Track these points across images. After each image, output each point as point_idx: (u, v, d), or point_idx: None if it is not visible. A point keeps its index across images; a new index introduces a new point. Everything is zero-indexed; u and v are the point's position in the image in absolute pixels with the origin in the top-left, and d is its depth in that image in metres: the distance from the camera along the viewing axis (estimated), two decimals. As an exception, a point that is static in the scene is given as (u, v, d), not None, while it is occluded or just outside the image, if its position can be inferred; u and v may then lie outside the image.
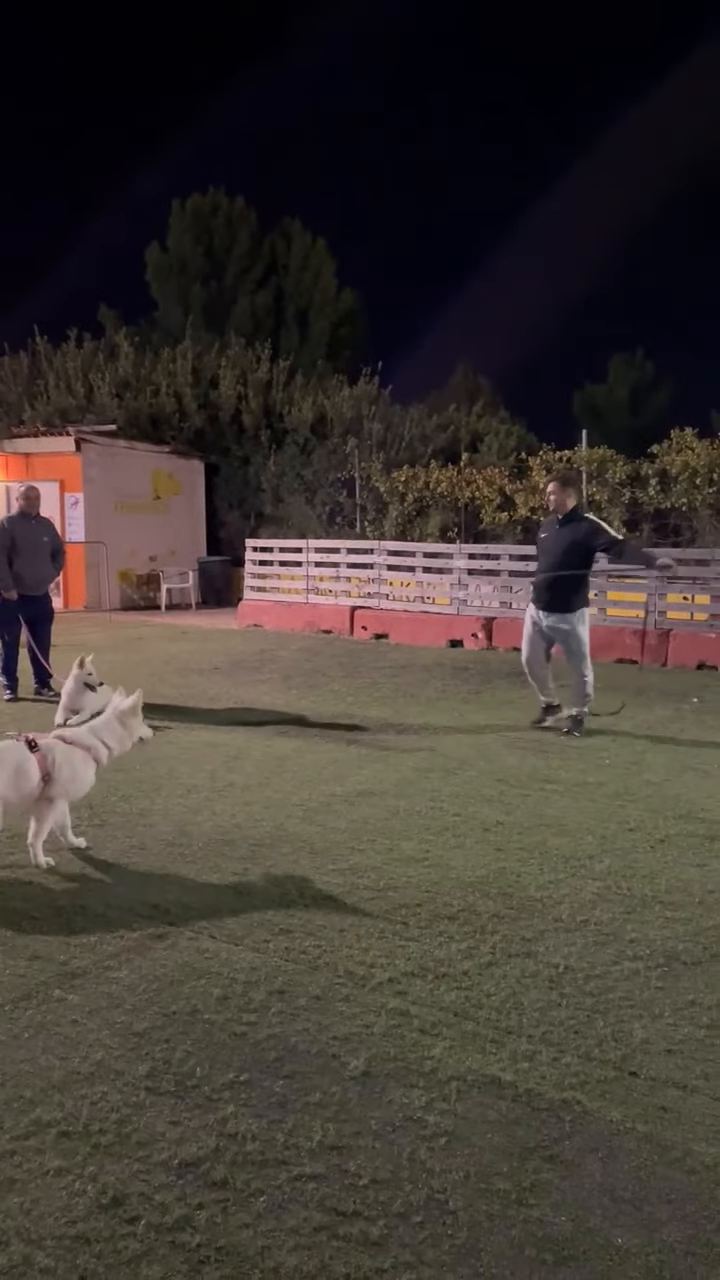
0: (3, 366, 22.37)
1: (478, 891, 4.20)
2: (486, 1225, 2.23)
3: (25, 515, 8.94)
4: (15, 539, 8.74)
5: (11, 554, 8.72)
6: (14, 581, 8.74)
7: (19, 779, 4.31)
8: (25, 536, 8.79)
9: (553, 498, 7.55)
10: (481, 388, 28.69)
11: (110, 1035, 3.01)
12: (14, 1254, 2.12)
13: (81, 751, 4.54)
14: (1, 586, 8.77)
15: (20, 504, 9.00)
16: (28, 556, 8.78)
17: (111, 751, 4.65)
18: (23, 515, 8.94)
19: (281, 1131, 2.55)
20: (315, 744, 7.11)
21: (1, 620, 8.97)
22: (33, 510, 8.98)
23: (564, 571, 7.26)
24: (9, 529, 8.81)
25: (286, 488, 18.70)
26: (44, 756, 4.39)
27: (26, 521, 8.90)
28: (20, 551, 8.75)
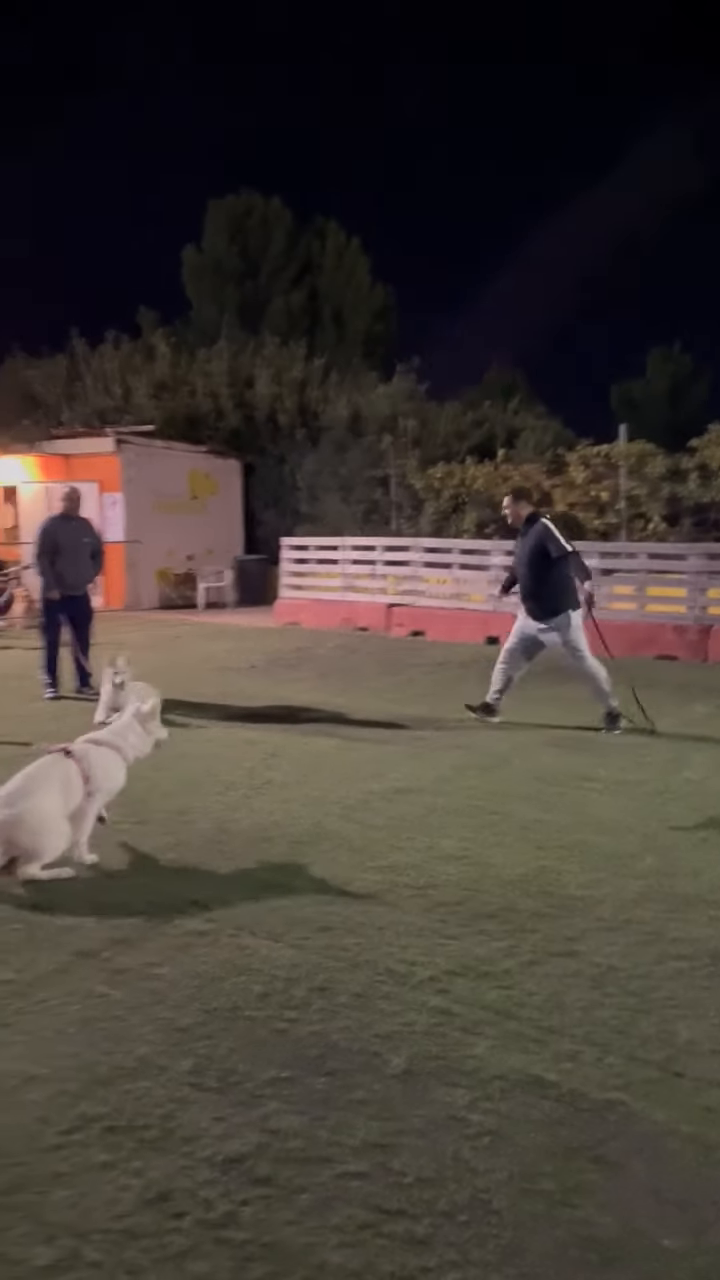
0: (41, 368, 22.65)
1: (518, 889, 4.18)
2: (531, 1225, 2.22)
3: (66, 516, 9.04)
4: (57, 540, 8.85)
5: (54, 555, 8.83)
6: (56, 581, 8.85)
7: (69, 790, 4.39)
8: (67, 537, 8.89)
9: (508, 511, 7.73)
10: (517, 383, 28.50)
11: (154, 1031, 3.03)
12: (62, 1247, 2.14)
13: (112, 752, 4.67)
14: (45, 587, 8.89)
15: (62, 505, 9.11)
16: (69, 557, 8.89)
17: (134, 753, 4.77)
18: (64, 516, 9.04)
19: (324, 1129, 2.56)
20: (353, 741, 7.12)
21: (44, 620, 9.09)
22: (74, 511, 9.09)
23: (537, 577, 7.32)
24: (51, 530, 8.92)
25: (322, 486, 18.74)
26: (82, 762, 4.48)
27: (68, 522, 9.00)
28: (62, 552, 8.85)
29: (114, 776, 4.63)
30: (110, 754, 4.65)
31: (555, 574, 7.27)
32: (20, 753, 5.78)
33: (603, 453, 14.08)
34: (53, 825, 4.27)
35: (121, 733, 4.79)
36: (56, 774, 4.39)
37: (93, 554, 9.16)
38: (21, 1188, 2.34)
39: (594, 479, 14.04)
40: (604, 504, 13.96)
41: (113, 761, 4.64)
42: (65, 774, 4.41)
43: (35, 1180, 2.36)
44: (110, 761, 4.63)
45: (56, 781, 4.36)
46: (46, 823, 4.24)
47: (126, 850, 4.70)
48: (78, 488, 9.55)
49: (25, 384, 22.82)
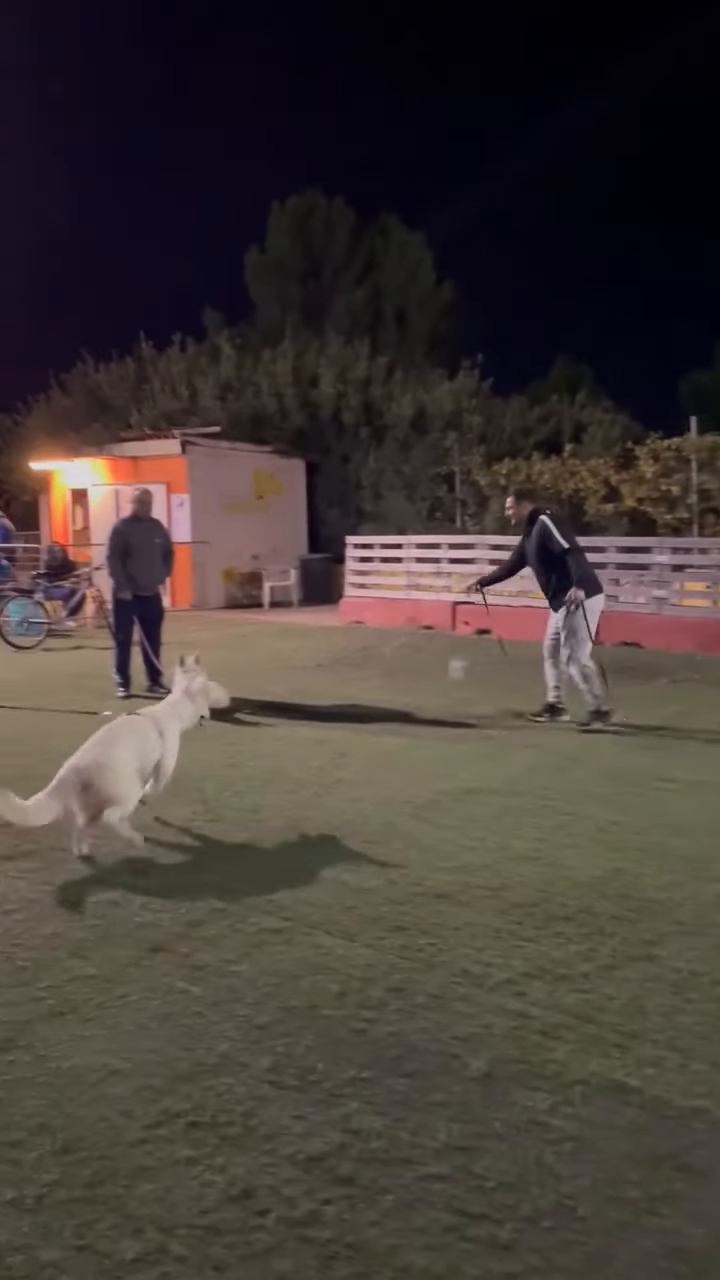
0: (110, 372, 23.04)
1: (594, 892, 4.12)
2: (618, 1234, 2.19)
3: (138, 518, 9.17)
4: (129, 541, 8.98)
5: (125, 556, 8.97)
6: (128, 582, 8.99)
7: (146, 746, 4.83)
8: (138, 538, 9.03)
9: (510, 512, 7.93)
10: (584, 377, 28.15)
11: (233, 1028, 3.06)
12: (149, 1241, 2.17)
13: (176, 720, 5.19)
14: (117, 588, 9.05)
15: (134, 507, 9.24)
16: (141, 558, 9.02)
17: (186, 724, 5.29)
18: (135, 518, 9.18)
19: (405, 1130, 2.55)
20: (421, 740, 7.10)
21: (116, 620, 9.25)
22: (145, 513, 9.22)
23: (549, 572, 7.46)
24: (123, 532, 9.07)
25: (386, 484, 18.73)
26: (156, 724, 4.98)
27: (139, 524, 9.14)
28: (134, 553, 8.99)
29: (177, 741, 5.15)
30: (175, 721, 5.19)
31: (564, 567, 7.34)
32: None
33: (673, 446, 13.81)
34: (131, 774, 4.66)
35: (175, 705, 5.31)
36: (135, 730, 4.84)
37: (163, 555, 9.28)
38: (107, 1180, 2.37)
39: (664, 473, 13.78)
40: (675, 499, 13.70)
41: (176, 728, 5.17)
42: (143, 731, 4.87)
43: (121, 1174, 2.40)
44: (176, 727, 5.16)
45: (135, 736, 4.80)
46: (126, 771, 4.61)
47: (201, 847, 4.75)
48: (149, 490, 9.68)
49: (94, 388, 23.24)
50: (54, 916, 3.93)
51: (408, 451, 18.76)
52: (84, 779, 4.48)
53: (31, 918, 3.93)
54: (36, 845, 4.80)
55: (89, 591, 13.73)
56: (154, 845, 4.78)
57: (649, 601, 12.29)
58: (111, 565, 9.06)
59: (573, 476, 14.91)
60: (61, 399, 23.89)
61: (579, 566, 7.36)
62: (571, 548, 7.33)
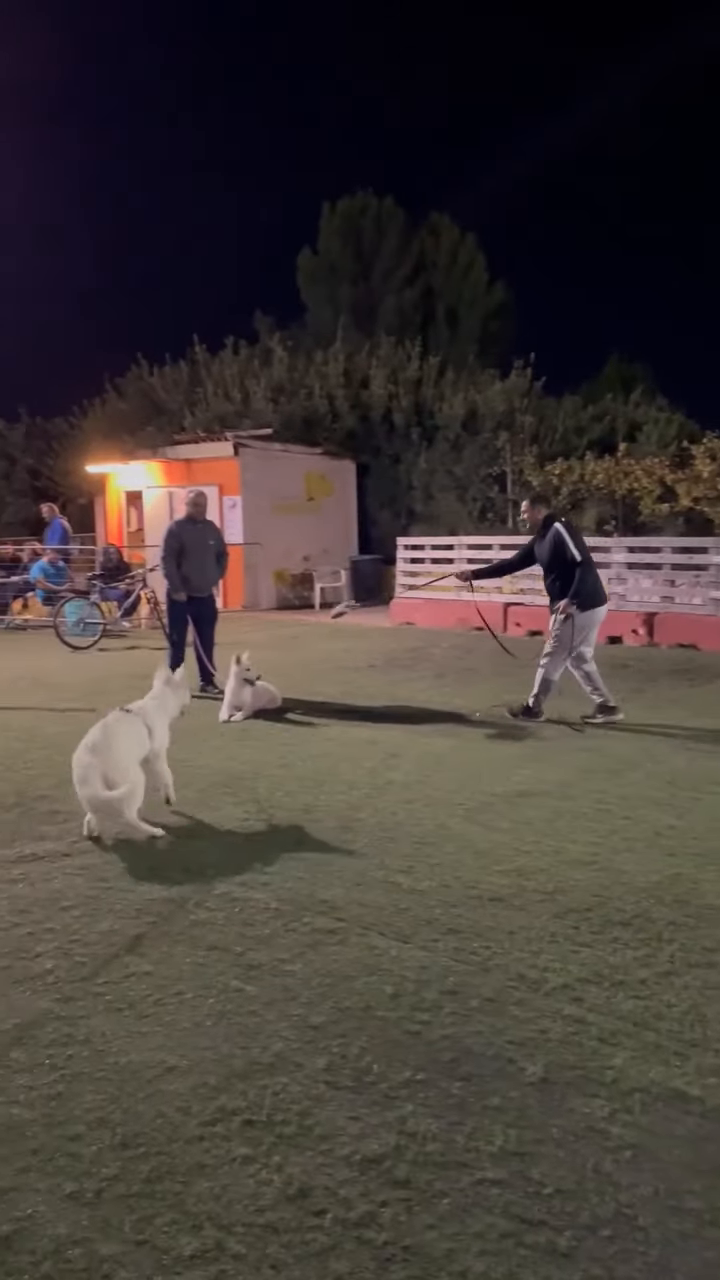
0: (164, 376, 23.29)
1: (651, 897, 4.06)
2: (679, 1244, 2.15)
3: (193, 520, 9.25)
4: (184, 542, 9.07)
5: (180, 557, 9.05)
6: (182, 583, 9.07)
7: (140, 741, 5.12)
8: (193, 540, 9.11)
9: (525, 515, 8.05)
10: (638, 375, 27.78)
11: (288, 1027, 3.07)
12: (206, 1238, 2.19)
13: (161, 713, 5.45)
14: (171, 589, 9.14)
15: (189, 509, 9.32)
16: (195, 559, 9.10)
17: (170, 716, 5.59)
18: (190, 520, 9.25)
19: (461, 1134, 2.54)
20: (473, 742, 7.06)
21: (171, 620, 9.34)
22: (200, 515, 9.29)
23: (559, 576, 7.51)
24: (177, 533, 9.15)
25: (437, 485, 18.68)
26: (144, 720, 5.23)
27: (194, 526, 9.21)
28: (188, 554, 9.07)
29: (166, 733, 5.48)
30: (161, 715, 5.45)
31: (570, 577, 7.39)
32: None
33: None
34: (136, 769, 4.98)
35: (160, 698, 5.57)
36: (128, 727, 5.09)
37: (217, 557, 9.34)
38: (165, 1176, 2.40)
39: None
40: (732, 498, 13.48)
41: (163, 720, 5.46)
42: (135, 728, 5.14)
43: (178, 1170, 2.42)
44: (162, 720, 5.44)
45: (129, 733, 5.08)
46: (130, 765, 4.93)
47: (254, 847, 4.77)
48: (204, 492, 9.74)
49: (149, 391, 23.51)
50: (111, 913, 3.98)
51: (459, 452, 18.68)
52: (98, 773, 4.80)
53: (89, 914, 3.99)
54: (94, 845, 4.86)
55: (143, 592, 13.88)
56: (208, 843, 4.82)
57: (706, 603, 12.10)
58: (166, 567, 9.15)
59: (627, 476, 14.73)
60: (116, 402, 24.21)
61: (584, 580, 7.40)
62: (584, 560, 7.40)
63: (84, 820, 4.97)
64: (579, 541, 7.53)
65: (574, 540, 7.45)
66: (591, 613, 7.51)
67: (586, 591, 7.39)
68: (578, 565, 7.36)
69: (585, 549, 7.57)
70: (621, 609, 12.67)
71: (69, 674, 10.62)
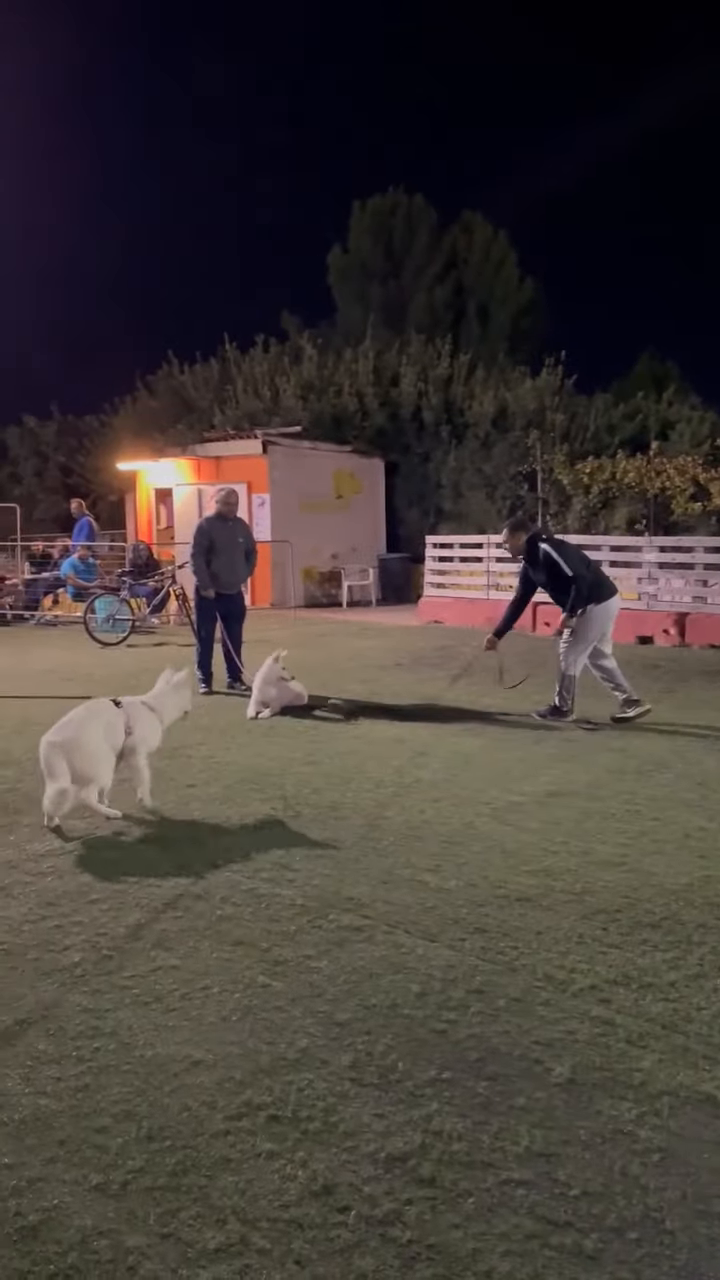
0: (195, 374, 23.39)
1: (681, 900, 4.02)
2: (708, 1249, 2.12)
3: (223, 517, 9.27)
4: (214, 540, 9.09)
5: (210, 554, 9.08)
6: (211, 580, 9.10)
7: (111, 731, 5.15)
8: (222, 537, 9.13)
9: (507, 545, 7.96)
10: (670, 373, 27.54)
11: (314, 1024, 3.07)
12: (231, 1232, 2.19)
13: (150, 713, 5.43)
14: (200, 585, 9.17)
15: (219, 507, 9.32)
16: (224, 557, 9.12)
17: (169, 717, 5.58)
18: (220, 517, 9.27)
19: (487, 1134, 2.52)
20: (501, 741, 7.03)
21: (199, 617, 9.38)
22: (230, 513, 9.30)
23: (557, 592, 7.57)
24: (208, 530, 9.18)
25: (466, 483, 18.62)
26: (126, 714, 5.27)
27: (224, 523, 9.23)
28: (218, 552, 9.09)
29: (153, 732, 5.42)
30: (148, 714, 5.42)
31: (566, 592, 7.42)
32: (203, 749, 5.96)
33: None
34: (101, 754, 5.04)
35: (159, 698, 5.56)
36: (102, 715, 5.16)
37: (246, 554, 9.36)
38: (190, 1170, 2.40)
39: (755, 471, 13.43)
40: (766, 497, 13.33)
41: (150, 720, 5.41)
42: (110, 717, 5.18)
43: (203, 1164, 2.42)
44: (148, 719, 5.39)
45: (101, 720, 5.13)
46: (95, 750, 5.01)
47: (280, 843, 4.78)
48: (235, 490, 9.75)
49: (179, 389, 23.63)
50: (138, 907, 4.00)
51: (489, 450, 18.61)
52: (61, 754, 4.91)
53: (116, 908, 4.01)
54: (121, 838, 4.90)
55: (172, 589, 13.95)
56: (235, 839, 4.83)
57: (738, 603, 11.98)
58: (196, 563, 9.17)
59: (659, 475, 14.62)
60: (147, 400, 24.37)
61: (579, 592, 7.38)
62: (575, 574, 7.39)
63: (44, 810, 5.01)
64: (567, 553, 7.55)
65: (563, 556, 7.47)
66: (605, 605, 7.49)
67: (585, 596, 7.38)
68: (571, 580, 7.37)
69: (575, 558, 7.58)
70: (653, 609, 12.58)
71: (98, 669, 10.69)
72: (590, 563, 7.88)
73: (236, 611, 9.41)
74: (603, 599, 7.48)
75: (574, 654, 7.55)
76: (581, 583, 7.37)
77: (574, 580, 7.36)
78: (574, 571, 7.39)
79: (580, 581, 7.36)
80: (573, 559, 7.52)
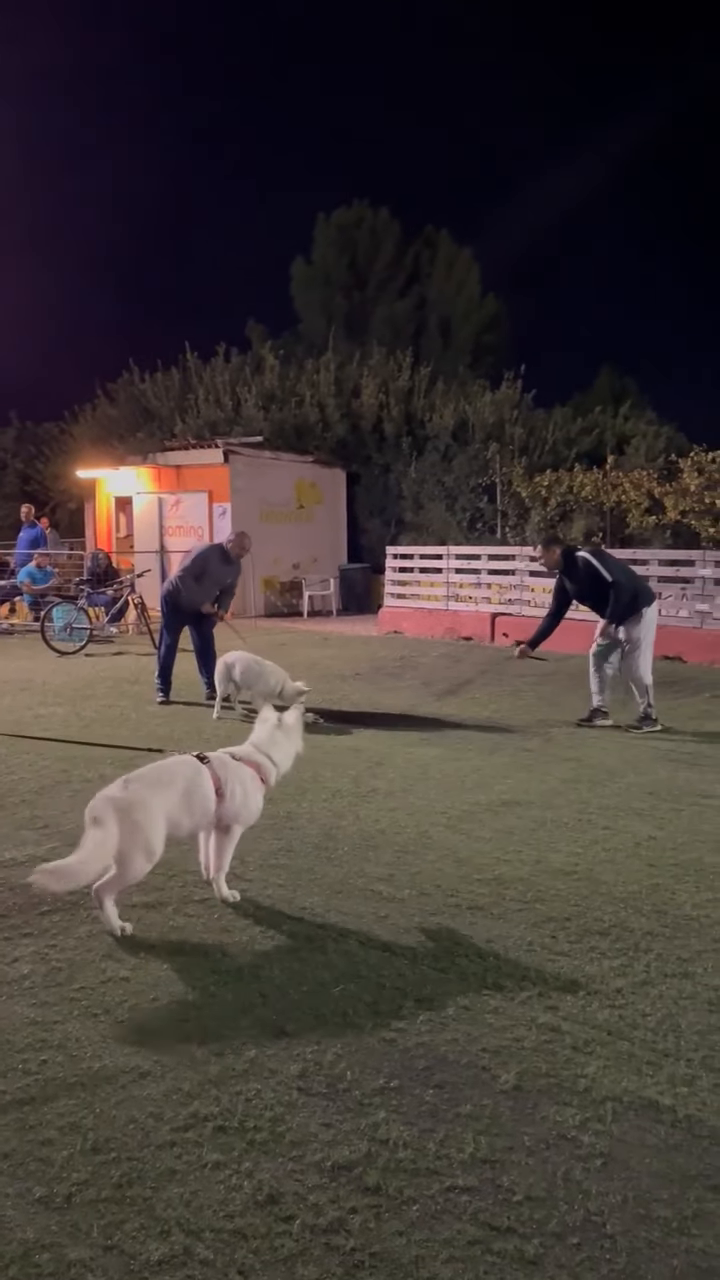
0: (156, 382, 23.29)
1: (630, 907, 4.08)
2: (647, 1252, 2.16)
3: (228, 558, 9.06)
4: (208, 569, 8.93)
5: (198, 579, 8.93)
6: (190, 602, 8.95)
7: (191, 799, 3.91)
8: (217, 573, 8.97)
9: (542, 561, 8.19)
10: (628, 389, 27.93)
11: (263, 1034, 3.07)
12: (175, 1244, 2.18)
13: (250, 770, 4.15)
14: (184, 601, 8.98)
15: (232, 547, 9.10)
16: (209, 587, 9.01)
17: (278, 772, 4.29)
18: (225, 556, 9.05)
19: (433, 1141, 2.54)
20: (458, 751, 7.07)
21: (167, 625, 9.23)
22: (238, 555, 9.08)
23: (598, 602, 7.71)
24: (206, 558, 9.00)
25: (427, 495, 18.72)
26: (219, 772, 4.02)
27: (226, 563, 9.06)
28: (205, 582, 8.96)
29: (255, 798, 4.13)
30: (249, 772, 4.12)
31: (606, 600, 7.56)
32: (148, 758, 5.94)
33: (718, 459, 13.65)
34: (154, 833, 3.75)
35: (268, 746, 4.22)
36: (183, 775, 3.93)
37: (228, 588, 9.25)
38: (135, 1182, 2.39)
39: (709, 485, 13.63)
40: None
41: (253, 782, 4.13)
42: (193, 782, 3.93)
43: (149, 1175, 2.41)
44: (250, 781, 4.12)
45: (180, 783, 3.90)
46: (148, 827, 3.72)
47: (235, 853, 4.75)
48: (249, 535, 9.39)
49: (140, 397, 23.51)
50: (89, 919, 3.96)
51: (449, 462, 18.73)
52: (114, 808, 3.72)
53: (67, 919, 3.98)
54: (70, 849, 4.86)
55: (131, 598, 13.87)
56: (189, 850, 4.80)
57: (692, 615, 12.15)
58: (185, 583, 8.97)
59: (615, 489, 14.80)
60: (108, 408, 24.21)
61: (624, 590, 7.50)
62: (615, 581, 7.50)
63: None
64: (607, 561, 7.67)
65: (603, 563, 7.60)
66: (647, 611, 7.59)
67: (625, 603, 7.49)
68: (610, 586, 7.49)
69: (616, 566, 7.69)
70: (608, 620, 12.75)
71: (54, 678, 10.59)
72: (632, 573, 7.96)
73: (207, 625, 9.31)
74: (643, 607, 7.59)
75: (640, 660, 7.60)
76: (621, 590, 7.48)
77: (613, 587, 7.46)
78: (614, 578, 7.49)
79: (619, 589, 7.47)
80: (613, 567, 7.62)
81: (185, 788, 3.90)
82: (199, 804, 3.93)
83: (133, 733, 7.60)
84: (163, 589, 9.39)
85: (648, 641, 7.62)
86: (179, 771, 3.96)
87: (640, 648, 7.59)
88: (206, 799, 3.94)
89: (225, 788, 3.99)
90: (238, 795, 4.04)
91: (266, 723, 4.36)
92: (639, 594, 7.64)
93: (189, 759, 4.05)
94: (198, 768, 3.99)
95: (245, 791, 4.08)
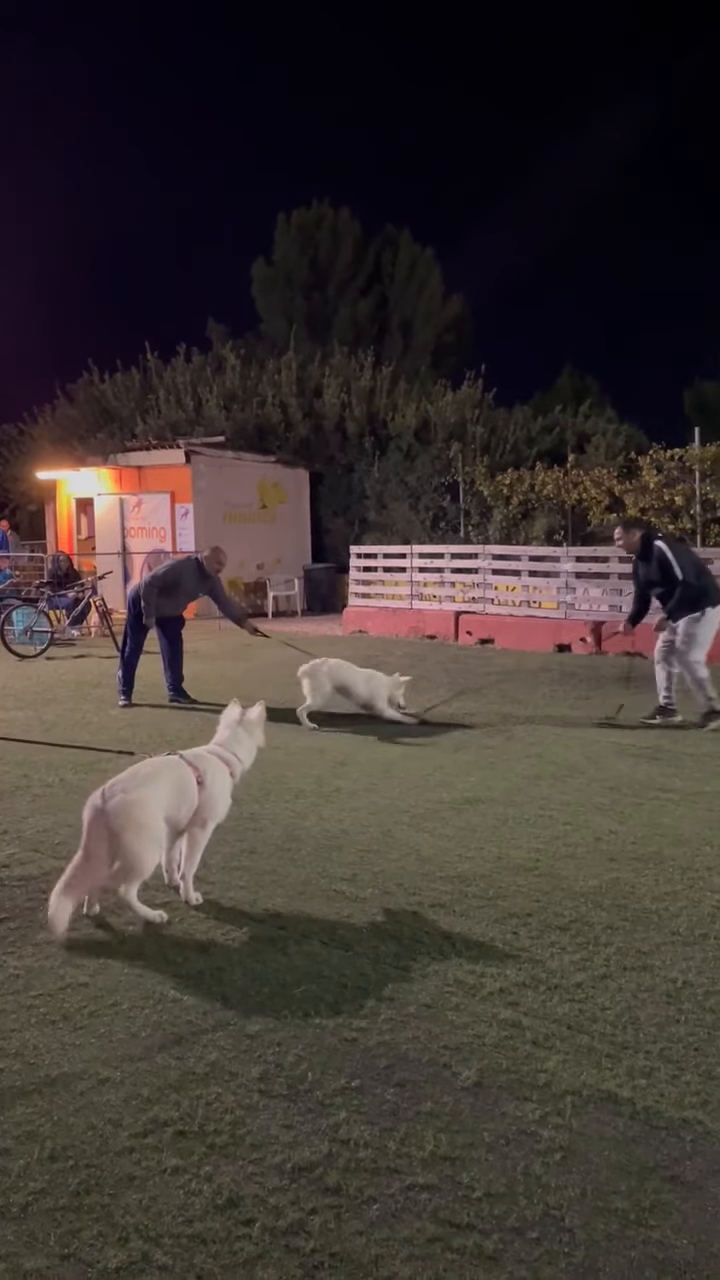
0: (116, 383, 23.11)
1: (590, 902, 4.11)
2: (605, 1245, 2.17)
3: (204, 574, 9.02)
4: (180, 582, 8.88)
5: (168, 591, 8.87)
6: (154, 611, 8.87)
7: (182, 796, 4.02)
8: (189, 586, 8.93)
9: (620, 542, 8.04)
10: (589, 387, 28.15)
11: (224, 1037, 3.05)
12: (133, 1250, 2.16)
13: (221, 765, 4.26)
14: (145, 614, 8.90)
15: (208, 562, 9.04)
16: (178, 599, 8.95)
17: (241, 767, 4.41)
18: (201, 571, 9.00)
19: (393, 1140, 2.54)
20: (421, 750, 7.09)
21: (131, 629, 9.14)
22: (212, 571, 9.04)
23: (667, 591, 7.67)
24: (179, 572, 8.95)
25: (390, 494, 18.74)
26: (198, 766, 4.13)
27: (202, 578, 9.00)
28: (177, 595, 8.90)
29: (224, 792, 4.26)
30: (220, 768, 4.25)
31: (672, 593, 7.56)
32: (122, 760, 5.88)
33: (677, 456, 13.80)
34: (156, 829, 3.88)
35: (232, 744, 4.37)
36: (170, 775, 4.03)
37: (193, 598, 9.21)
38: (94, 1189, 2.37)
39: (668, 483, 13.78)
40: (679, 509, 13.69)
41: (224, 777, 4.25)
42: (180, 777, 4.05)
43: (107, 1182, 2.39)
44: (222, 776, 4.24)
45: (169, 783, 3.99)
46: (151, 824, 3.85)
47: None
48: (224, 551, 9.31)
49: (100, 398, 23.31)
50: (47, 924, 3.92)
51: (412, 462, 18.76)
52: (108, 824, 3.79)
53: (25, 926, 3.93)
54: (34, 855, 4.80)
55: (93, 600, 13.74)
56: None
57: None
58: (147, 592, 8.89)
59: (576, 487, 14.91)
60: (67, 409, 23.99)
61: (689, 589, 7.48)
62: (684, 579, 7.47)
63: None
64: (680, 555, 7.60)
65: (676, 556, 7.54)
66: (710, 610, 7.54)
67: (686, 602, 7.48)
68: (679, 584, 7.46)
69: (688, 562, 7.61)
70: (570, 618, 12.83)
71: (14, 682, 10.47)
72: (704, 570, 7.83)
73: (174, 627, 9.25)
74: (714, 605, 7.54)
75: (692, 654, 7.56)
76: (687, 589, 7.45)
77: (680, 584, 7.44)
78: (683, 575, 7.45)
79: (685, 587, 7.44)
80: (685, 563, 7.56)
81: (175, 782, 4.05)
82: (188, 797, 4.09)
83: (94, 736, 7.54)
84: (130, 592, 9.33)
85: (705, 638, 7.56)
86: (163, 768, 4.10)
87: (695, 643, 7.54)
88: (194, 791, 4.10)
89: (205, 777, 4.14)
90: (217, 783, 4.21)
91: (230, 722, 4.55)
92: (705, 593, 7.56)
93: (165, 756, 4.22)
94: (178, 762, 4.15)
95: (219, 784, 4.24)
